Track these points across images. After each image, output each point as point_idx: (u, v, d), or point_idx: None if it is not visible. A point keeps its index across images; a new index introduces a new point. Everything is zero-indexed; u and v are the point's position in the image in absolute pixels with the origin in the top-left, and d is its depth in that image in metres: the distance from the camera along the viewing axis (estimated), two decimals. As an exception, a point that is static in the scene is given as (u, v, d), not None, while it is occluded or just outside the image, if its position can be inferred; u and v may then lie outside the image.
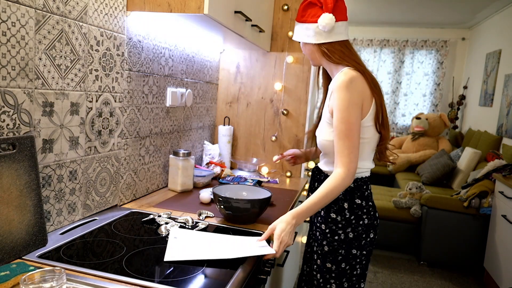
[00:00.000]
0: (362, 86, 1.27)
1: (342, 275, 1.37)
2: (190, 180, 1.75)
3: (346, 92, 1.24)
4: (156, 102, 1.65)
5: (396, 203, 3.43)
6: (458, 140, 5.06)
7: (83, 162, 1.25)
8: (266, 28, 2.08)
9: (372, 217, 1.38)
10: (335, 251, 1.36)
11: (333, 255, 1.37)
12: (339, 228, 1.36)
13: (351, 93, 1.24)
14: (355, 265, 1.37)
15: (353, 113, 1.24)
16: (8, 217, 0.93)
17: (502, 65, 4.26)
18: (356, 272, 1.38)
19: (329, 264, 1.37)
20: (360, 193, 1.36)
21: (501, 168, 3.02)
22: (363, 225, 1.36)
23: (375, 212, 1.41)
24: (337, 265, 1.36)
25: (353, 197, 1.35)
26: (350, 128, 1.24)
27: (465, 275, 3.16)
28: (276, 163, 2.29)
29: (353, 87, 1.24)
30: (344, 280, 1.37)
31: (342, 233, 1.35)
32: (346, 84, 1.24)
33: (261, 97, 2.30)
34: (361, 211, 1.36)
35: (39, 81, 1.05)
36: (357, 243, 1.36)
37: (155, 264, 1.01)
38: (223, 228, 1.33)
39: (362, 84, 1.27)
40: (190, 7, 1.31)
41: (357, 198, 1.36)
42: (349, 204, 1.35)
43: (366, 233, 1.37)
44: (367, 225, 1.37)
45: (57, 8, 1.07)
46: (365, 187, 1.38)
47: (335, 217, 1.36)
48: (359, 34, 5.96)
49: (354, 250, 1.36)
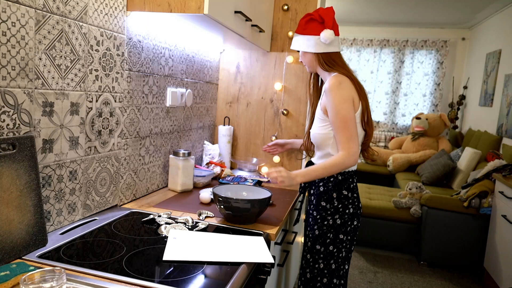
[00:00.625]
0: (350, 87, 1.50)
1: (329, 256, 1.57)
2: (190, 180, 1.75)
3: (337, 91, 1.48)
4: (156, 102, 1.65)
5: (396, 203, 3.43)
6: (458, 140, 5.06)
7: (83, 162, 1.25)
8: (266, 28, 2.08)
9: (356, 207, 1.60)
10: (324, 235, 1.57)
11: (323, 238, 1.57)
12: (328, 215, 1.56)
13: (342, 91, 1.48)
14: (341, 248, 1.58)
15: (346, 107, 1.47)
16: (8, 217, 0.93)
17: (502, 65, 4.26)
18: (342, 254, 1.59)
19: (318, 246, 1.58)
20: (347, 185, 1.57)
21: (501, 168, 3.02)
22: (348, 213, 1.57)
23: (358, 202, 1.62)
24: (326, 247, 1.57)
25: (340, 188, 1.56)
26: (345, 120, 1.46)
27: (465, 275, 3.16)
28: (276, 163, 2.29)
29: (343, 87, 1.48)
30: (332, 262, 1.57)
31: (330, 219, 1.56)
32: (337, 85, 1.48)
33: (261, 97, 2.30)
34: (347, 201, 1.57)
35: (39, 81, 1.05)
36: (344, 229, 1.57)
37: (155, 264, 1.01)
38: (223, 228, 1.33)
39: (350, 86, 1.50)
40: (190, 7, 1.31)
41: (344, 189, 1.57)
42: (337, 194, 1.56)
43: (351, 220, 1.58)
44: (352, 213, 1.58)
45: (57, 8, 1.07)
46: (351, 180, 1.58)
47: (325, 205, 1.57)
48: (359, 34, 5.96)
49: (341, 235, 1.57)
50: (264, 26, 2.01)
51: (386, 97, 6.00)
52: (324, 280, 1.57)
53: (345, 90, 1.47)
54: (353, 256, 3.34)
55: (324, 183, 1.58)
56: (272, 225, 1.40)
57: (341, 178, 1.56)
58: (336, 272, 1.58)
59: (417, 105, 5.89)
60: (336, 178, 1.56)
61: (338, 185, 1.56)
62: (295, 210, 1.93)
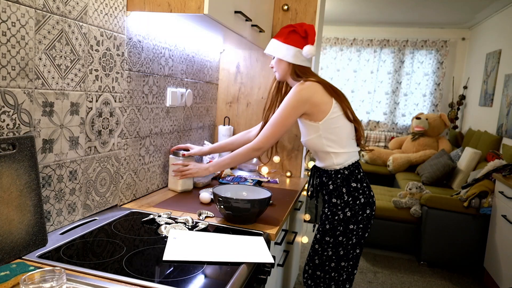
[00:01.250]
0: (315, 91, 1.55)
1: (338, 245, 1.61)
2: (190, 180, 1.75)
3: (292, 97, 1.56)
4: (156, 102, 1.65)
5: (396, 203, 3.43)
6: (458, 140, 5.06)
7: (83, 162, 1.25)
8: (266, 28, 2.08)
9: (368, 196, 1.62)
10: (334, 228, 1.60)
11: (332, 231, 1.61)
12: (338, 210, 1.60)
13: (295, 99, 1.55)
14: (351, 237, 1.61)
15: (288, 112, 1.56)
16: (8, 217, 0.93)
17: (502, 65, 4.26)
18: (352, 241, 1.61)
19: (327, 238, 1.62)
20: (354, 177, 1.60)
21: (501, 168, 3.02)
22: (359, 204, 1.59)
23: (370, 191, 1.63)
24: (335, 238, 1.61)
25: (349, 181, 1.59)
26: (279, 121, 1.57)
27: (465, 275, 3.16)
28: (276, 163, 2.29)
29: (300, 95, 1.55)
30: (340, 249, 1.62)
31: (341, 213, 1.60)
32: (297, 91, 1.56)
33: (261, 97, 2.30)
34: (357, 193, 1.59)
35: (39, 81, 1.05)
36: (354, 219, 1.59)
37: (155, 264, 1.01)
38: (223, 228, 1.33)
39: (315, 89, 1.55)
40: (190, 7, 1.31)
41: (353, 182, 1.60)
42: (347, 189, 1.59)
43: (362, 210, 1.60)
44: (363, 203, 1.60)
45: (57, 8, 1.07)
46: (357, 171, 1.61)
47: (336, 201, 1.61)
48: (359, 34, 5.96)
49: (351, 226, 1.60)
50: (264, 26, 2.01)
51: (386, 97, 6.00)
52: (332, 265, 1.63)
53: (300, 99, 1.54)
54: (353, 256, 3.34)
55: (332, 181, 1.61)
56: (272, 225, 1.40)
57: (347, 173, 1.59)
58: (345, 256, 1.62)
59: (417, 105, 5.89)
60: (343, 174, 1.59)
61: (346, 179, 1.59)
62: (295, 210, 1.93)
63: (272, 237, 1.32)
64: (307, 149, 1.84)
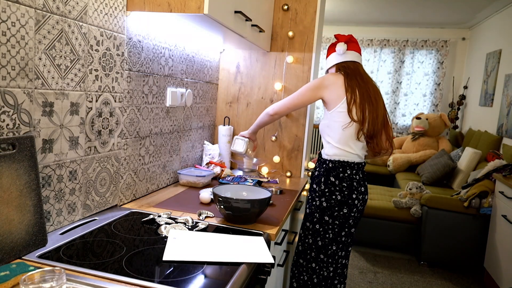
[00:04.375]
0: (332, 82, 1.72)
1: (316, 234, 1.79)
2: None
3: (314, 80, 1.79)
4: (156, 102, 1.65)
5: (396, 203, 3.43)
6: (458, 140, 5.05)
7: (83, 162, 1.25)
8: (266, 28, 2.08)
9: (346, 196, 1.73)
10: (312, 214, 1.79)
11: (311, 217, 1.80)
12: (316, 196, 1.78)
13: (314, 82, 1.77)
14: (327, 229, 1.77)
15: (305, 90, 1.77)
16: (8, 217, 0.93)
17: (502, 65, 4.26)
18: (328, 235, 1.77)
19: (307, 223, 1.82)
20: (335, 174, 1.74)
21: (501, 168, 3.02)
22: (335, 200, 1.74)
23: (351, 193, 1.74)
24: (313, 225, 1.79)
25: (328, 175, 1.75)
26: (295, 95, 1.80)
27: (465, 275, 3.16)
28: (276, 163, 2.29)
29: (320, 80, 1.75)
30: (319, 239, 1.78)
31: (318, 200, 1.77)
32: (321, 77, 1.77)
33: (261, 97, 2.30)
34: (333, 188, 1.74)
35: (39, 81, 1.05)
36: (329, 212, 1.75)
37: (155, 264, 1.01)
38: (223, 228, 1.33)
39: (334, 81, 1.72)
40: (190, 7, 1.31)
41: (332, 176, 1.74)
42: (325, 179, 1.75)
43: (338, 207, 1.74)
44: (340, 201, 1.74)
45: (57, 8, 1.07)
46: (341, 170, 1.73)
47: (315, 188, 1.80)
48: (359, 34, 5.96)
49: (326, 217, 1.76)
50: (264, 26, 2.00)
51: (386, 97, 6.00)
52: (312, 254, 1.82)
53: (320, 82, 1.74)
54: (353, 256, 3.34)
55: (318, 169, 1.81)
56: (272, 225, 1.40)
57: (331, 166, 1.75)
58: (323, 249, 1.79)
59: (417, 105, 5.89)
60: (327, 165, 1.76)
61: (327, 171, 1.75)
62: (295, 210, 1.93)
63: (272, 237, 1.32)
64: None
